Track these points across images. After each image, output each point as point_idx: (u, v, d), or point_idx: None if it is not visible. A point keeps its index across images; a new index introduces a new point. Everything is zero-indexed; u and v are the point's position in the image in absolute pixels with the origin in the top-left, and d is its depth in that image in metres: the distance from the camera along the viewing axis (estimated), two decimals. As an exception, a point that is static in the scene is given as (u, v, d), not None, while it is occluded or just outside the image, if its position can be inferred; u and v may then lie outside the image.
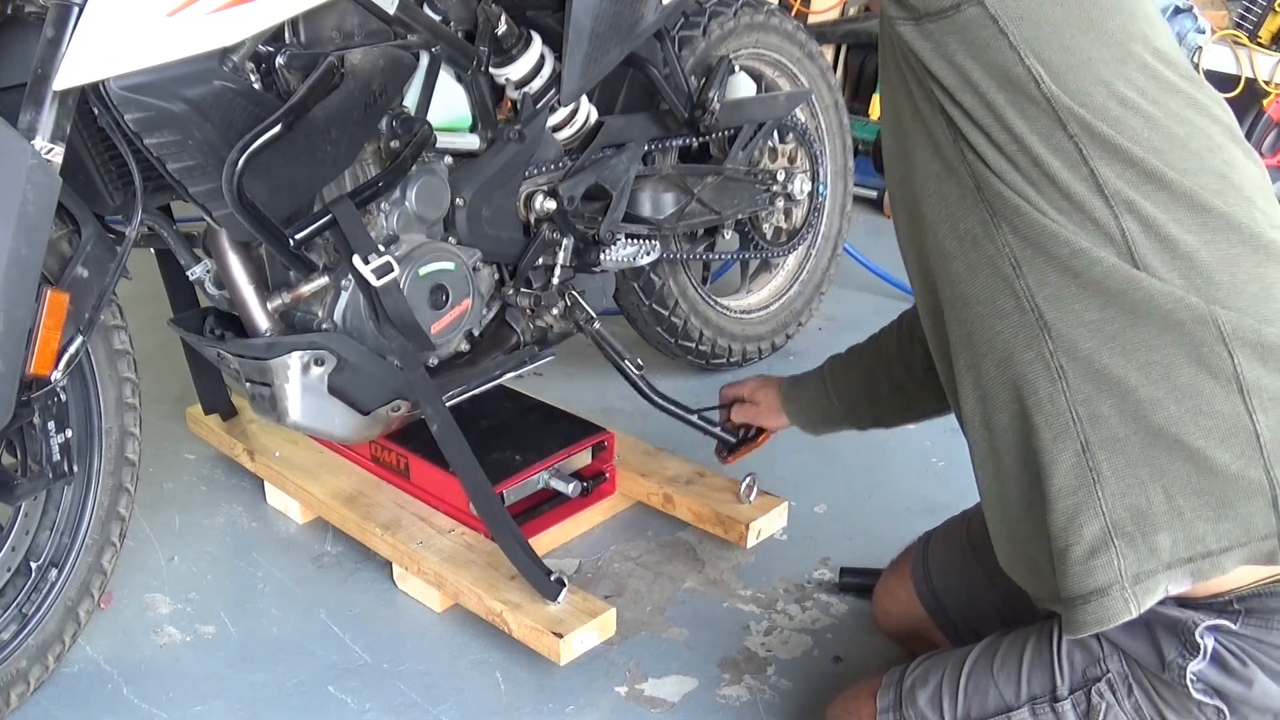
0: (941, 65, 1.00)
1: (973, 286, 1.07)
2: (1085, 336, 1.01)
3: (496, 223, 1.63)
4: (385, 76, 1.39)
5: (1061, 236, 1.00)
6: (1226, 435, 0.99)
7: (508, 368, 1.71)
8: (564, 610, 1.51)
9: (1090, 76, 0.97)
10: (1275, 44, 3.07)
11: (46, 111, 1.18)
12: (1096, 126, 0.97)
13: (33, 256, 1.20)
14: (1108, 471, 1.02)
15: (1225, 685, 1.04)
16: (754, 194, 2.10)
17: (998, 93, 0.98)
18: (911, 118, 1.08)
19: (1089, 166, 0.98)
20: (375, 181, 1.39)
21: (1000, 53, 0.97)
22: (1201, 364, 0.99)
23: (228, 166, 1.20)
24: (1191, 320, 0.99)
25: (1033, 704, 1.15)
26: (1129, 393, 1.01)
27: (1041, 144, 0.98)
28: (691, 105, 1.88)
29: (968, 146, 1.02)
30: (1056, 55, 0.96)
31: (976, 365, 1.09)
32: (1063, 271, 1.01)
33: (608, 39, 1.62)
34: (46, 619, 1.43)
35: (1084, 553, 1.03)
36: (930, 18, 0.99)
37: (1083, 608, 1.04)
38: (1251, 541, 1.00)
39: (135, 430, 1.51)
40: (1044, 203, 1.00)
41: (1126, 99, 0.98)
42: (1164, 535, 1.01)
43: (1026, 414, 1.05)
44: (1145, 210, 0.98)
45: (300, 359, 1.44)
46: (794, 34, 2.21)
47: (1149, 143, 0.98)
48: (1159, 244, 0.99)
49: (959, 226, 1.06)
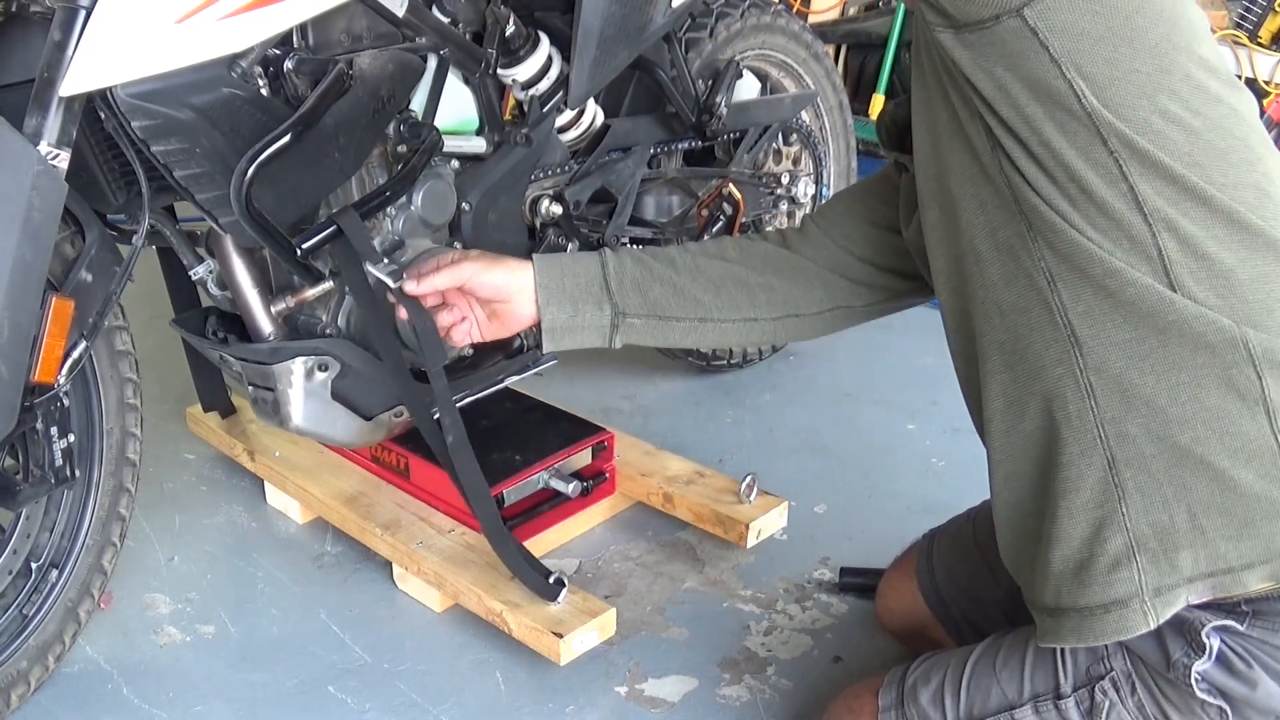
0: (980, 75, 0.97)
1: (1008, 295, 1.06)
2: (1116, 355, 1.01)
3: (502, 227, 1.62)
4: (394, 81, 1.38)
5: (1097, 255, 0.98)
6: (1252, 456, 0.99)
7: (510, 372, 1.71)
8: (564, 610, 1.51)
9: (1133, 90, 0.94)
10: (1275, 44, 3.07)
11: (53, 116, 1.16)
12: (1137, 142, 0.95)
13: (38, 263, 1.18)
14: (1133, 488, 1.02)
15: (1229, 686, 1.05)
16: (758, 197, 2.09)
17: (1036, 106, 0.96)
18: (950, 120, 1.05)
19: (1129, 183, 0.96)
20: (382, 191, 1.38)
21: (1041, 66, 0.94)
22: (1230, 385, 0.99)
23: (236, 176, 1.19)
24: (1223, 343, 0.98)
25: (1036, 702, 1.15)
26: (1157, 413, 1.00)
27: (1080, 159, 0.96)
28: (699, 109, 1.87)
29: (1005, 158, 1.00)
30: (1099, 69, 0.94)
31: (1006, 372, 1.09)
32: (1097, 290, 1.00)
33: (616, 41, 1.60)
34: (47, 620, 1.43)
35: (1106, 565, 1.04)
36: (969, 28, 0.96)
37: (1103, 618, 1.04)
38: (1274, 559, 1.01)
39: (136, 431, 1.50)
40: (1081, 220, 0.98)
41: (1169, 112, 0.95)
42: (1186, 552, 1.02)
43: (1054, 426, 1.05)
44: (1184, 228, 0.97)
45: (304, 364, 1.43)
46: (800, 35, 2.20)
47: (1190, 158, 0.96)
48: (1196, 262, 0.98)
49: (997, 235, 1.05)
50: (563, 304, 1.27)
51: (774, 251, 1.32)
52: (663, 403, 2.30)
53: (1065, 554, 1.07)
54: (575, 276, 1.27)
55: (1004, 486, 1.14)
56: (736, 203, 1.86)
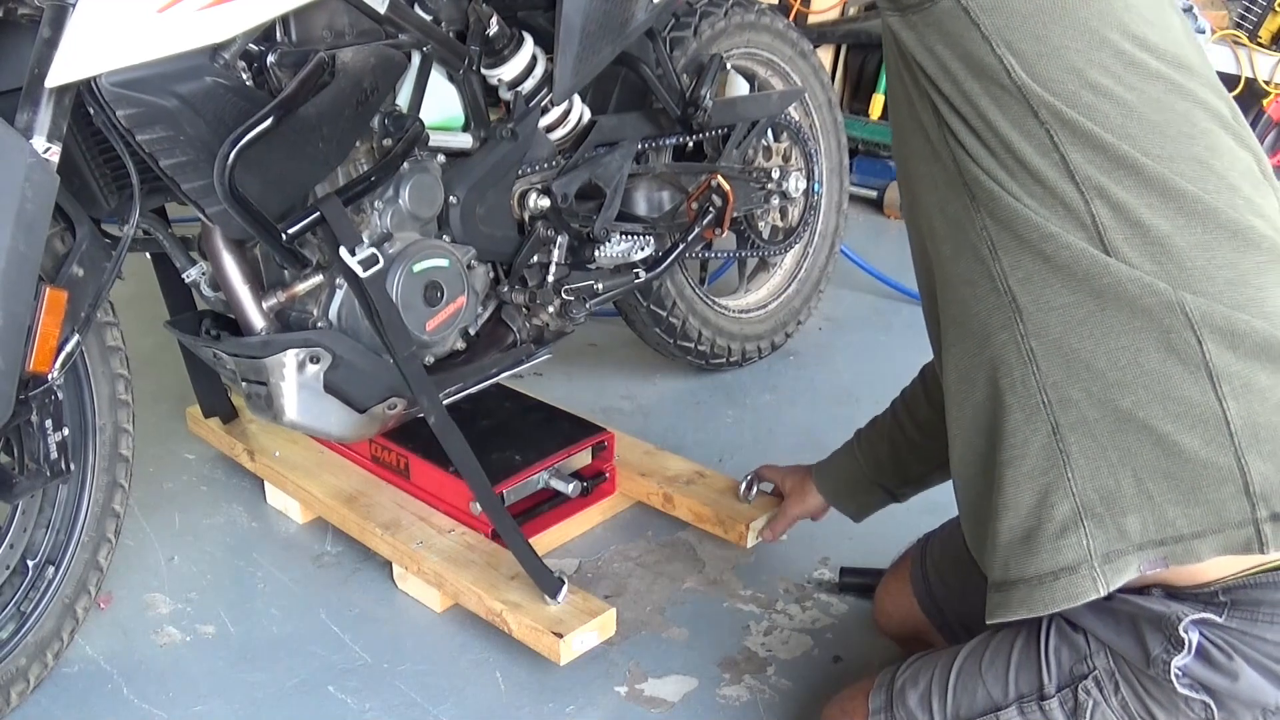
0: (924, 54, 1.03)
1: (957, 268, 1.09)
2: (1055, 320, 1.03)
3: (490, 221, 1.64)
4: (376, 75, 1.40)
5: (1033, 221, 1.01)
6: (1196, 421, 1.00)
7: (504, 366, 1.72)
8: (564, 610, 1.51)
9: (1061, 64, 0.99)
10: (1275, 44, 3.07)
11: (43, 111, 1.20)
12: (1067, 113, 0.99)
13: (31, 254, 1.21)
14: (1077, 453, 1.03)
15: (1211, 679, 1.04)
16: (748, 192, 2.10)
17: (973, 82, 1.01)
18: (907, 105, 1.11)
19: (1060, 152, 1.00)
20: (366, 177, 1.41)
21: (973, 43, 0.99)
22: (1170, 349, 1.00)
23: (219, 159, 1.21)
24: (1159, 306, 1.00)
25: (1020, 703, 1.15)
26: (1097, 377, 1.02)
27: (1014, 130, 1.00)
28: (684, 103, 1.89)
29: (949, 133, 1.05)
30: (1028, 44, 0.98)
31: (959, 345, 1.11)
32: (1035, 255, 1.02)
33: (599, 37, 1.63)
34: (45, 616, 1.44)
35: (1054, 532, 1.04)
36: (911, 10, 1.02)
37: (1051, 585, 1.05)
38: (1226, 529, 1.00)
39: (129, 426, 1.52)
40: (1017, 188, 1.02)
41: (1099, 85, 0.99)
42: (1133, 517, 1.02)
43: (999, 394, 1.07)
44: (1116, 195, 1.00)
45: (295, 356, 1.44)
46: (785, 33, 2.22)
47: (1122, 129, 1.00)
48: (1130, 229, 1.00)
49: (946, 210, 1.09)
50: (849, 505, 1.66)
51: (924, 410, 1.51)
52: (662, 402, 2.30)
53: (1013, 523, 1.07)
54: (847, 479, 1.64)
55: (960, 463, 1.16)
56: (725, 194, 1.88)
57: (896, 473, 1.57)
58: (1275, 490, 0.99)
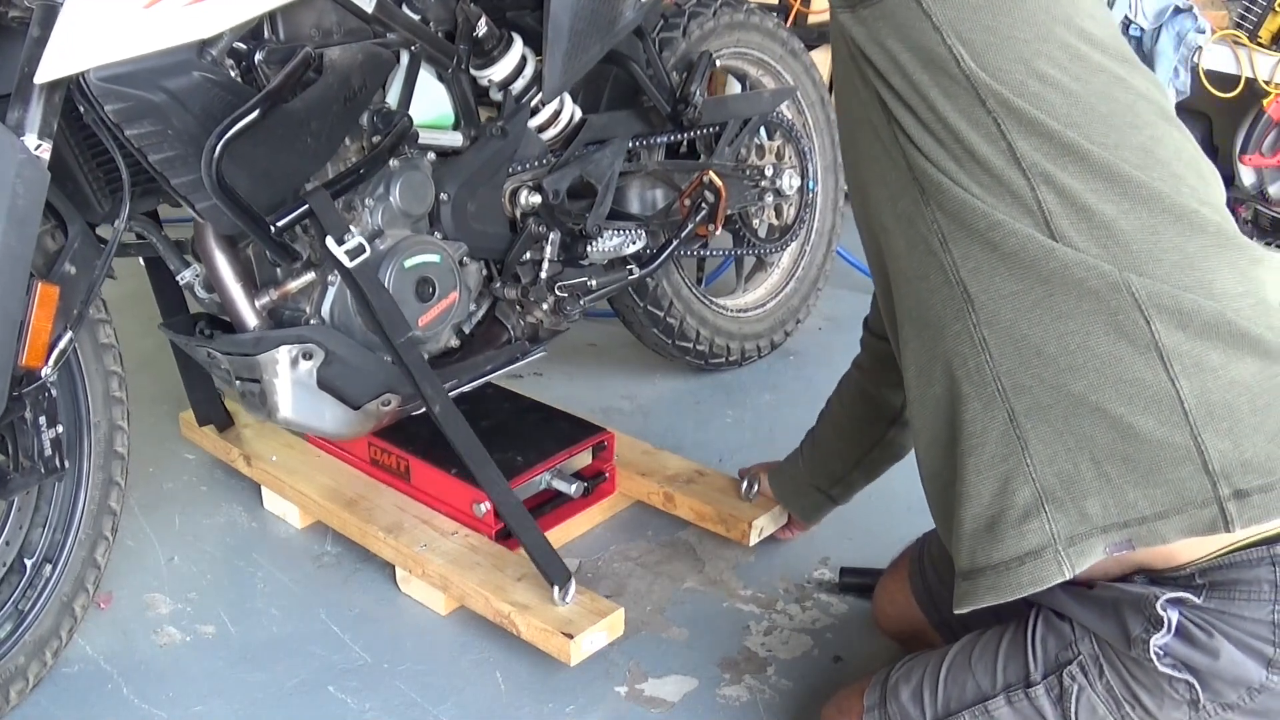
0: (874, 49, 1.05)
1: (910, 262, 1.11)
2: (1006, 308, 1.04)
3: (482, 217, 1.65)
4: (364, 72, 1.42)
5: (981, 210, 1.03)
6: (1149, 401, 1.00)
7: (499, 364, 1.72)
8: (573, 611, 1.50)
9: (1010, 55, 1.01)
10: (1275, 44, 3.07)
11: (34, 108, 1.21)
12: (1014, 102, 1.01)
13: (23, 250, 1.22)
14: (1034, 439, 1.04)
15: (1191, 658, 1.03)
16: (742, 189, 2.11)
17: (922, 73, 1.03)
18: (857, 105, 1.13)
19: (1007, 141, 1.01)
20: (354, 170, 1.42)
21: (924, 34, 1.01)
22: (1119, 331, 1.01)
23: (206, 151, 1.23)
24: (1105, 288, 1.00)
25: (1008, 692, 1.15)
26: (1049, 362, 1.03)
27: (962, 120, 1.02)
28: (674, 100, 1.90)
29: (899, 128, 1.07)
30: (977, 35, 1.01)
31: (916, 339, 1.13)
32: (983, 244, 1.04)
33: (587, 35, 1.64)
34: (43, 615, 1.45)
35: (1016, 518, 1.05)
36: (863, 4, 1.04)
37: (1017, 570, 1.05)
38: (1188, 508, 1.00)
39: (123, 424, 1.52)
40: (965, 177, 1.03)
41: (1046, 76, 1.01)
42: (1094, 500, 1.03)
43: (957, 385, 1.08)
44: (1062, 181, 1.01)
45: (288, 353, 1.45)
46: (775, 32, 2.23)
47: (1068, 117, 1.01)
48: (1076, 214, 1.01)
49: (897, 205, 1.10)
50: (794, 506, 1.75)
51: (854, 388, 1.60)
52: (662, 402, 2.30)
53: (976, 512, 1.08)
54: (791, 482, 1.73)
55: (925, 456, 1.17)
56: (718, 190, 1.89)
57: (826, 473, 1.65)
58: (1235, 467, 0.99)
